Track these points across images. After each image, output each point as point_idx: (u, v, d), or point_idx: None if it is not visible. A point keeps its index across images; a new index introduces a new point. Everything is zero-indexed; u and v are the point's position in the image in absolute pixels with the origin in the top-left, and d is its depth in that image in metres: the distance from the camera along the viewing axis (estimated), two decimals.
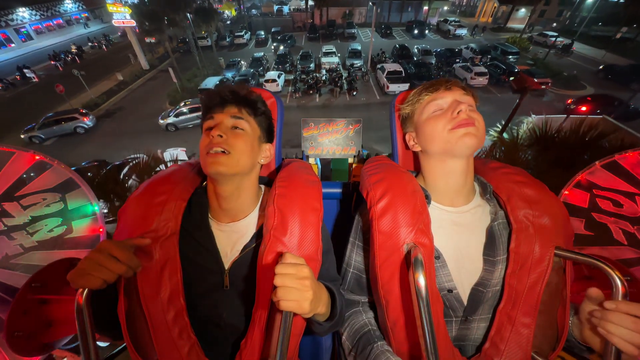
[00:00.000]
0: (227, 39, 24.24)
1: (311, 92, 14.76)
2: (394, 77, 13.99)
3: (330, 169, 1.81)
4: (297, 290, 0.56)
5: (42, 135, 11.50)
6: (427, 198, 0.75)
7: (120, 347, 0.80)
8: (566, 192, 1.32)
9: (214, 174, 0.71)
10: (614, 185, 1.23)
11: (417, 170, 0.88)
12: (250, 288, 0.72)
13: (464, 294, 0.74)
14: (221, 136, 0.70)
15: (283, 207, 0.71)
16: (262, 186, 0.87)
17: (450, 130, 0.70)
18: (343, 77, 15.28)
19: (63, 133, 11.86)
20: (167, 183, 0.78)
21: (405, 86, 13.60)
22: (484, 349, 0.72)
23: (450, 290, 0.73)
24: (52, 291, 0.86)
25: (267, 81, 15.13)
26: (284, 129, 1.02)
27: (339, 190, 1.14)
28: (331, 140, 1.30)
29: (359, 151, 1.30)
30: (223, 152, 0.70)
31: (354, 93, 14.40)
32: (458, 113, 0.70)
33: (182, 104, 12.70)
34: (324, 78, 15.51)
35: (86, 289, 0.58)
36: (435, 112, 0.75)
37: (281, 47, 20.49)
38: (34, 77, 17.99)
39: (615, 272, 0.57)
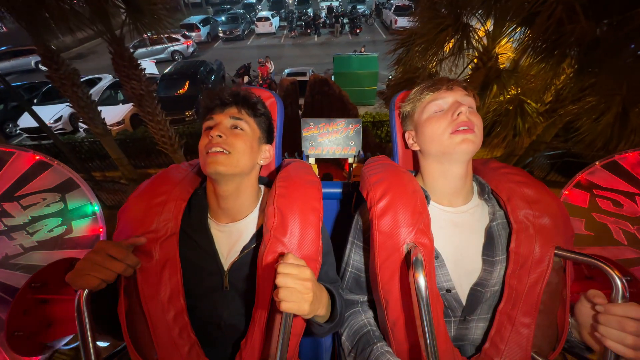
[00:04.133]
0: None
1: (309, 31, 13.79)
2: (403, 11, 12.83)
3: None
4: (299, 291, 0.55)
5: None
6: (427, 198, 0.76)
7: (120, 347, 0.80)
8: (566, 192, 1.32)
9: (213, 174, 0.71)
10: (614, 185, 1.23)
11: (417, 170, 0.88)
12: (250, 288, 0.72)
13: (463, 294, 0.74)
14: (220, 136, 0.70)
15: (283, 207, 0.71)
16: (262, 186, 0.87)
17: (450, 135, 0.71)
18: (345, 17, 14.20)
19: (22, 69, 10.34)
20: (167, 183, 0.78)
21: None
22: (484, 348, 0.72)
23: (448, 290, 0.73)
24: (52, 291, 0.86)
25: (259, 20, 14.02)
26: (278, 60, 1.00)
27: (339, 190, 1.14)
28: (331, 140, 1.30)
29: (359, 151, 1.30)
30: (222, 151, 0.70)
31: (358, 32, 13.51)
32: (458, 115, 0.70)
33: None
34: (323, 19, 14.45)
35: (86, 289, 0.58)
36: (436, 113, 0.75)
37: None
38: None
39: (615, 272, 0.57)
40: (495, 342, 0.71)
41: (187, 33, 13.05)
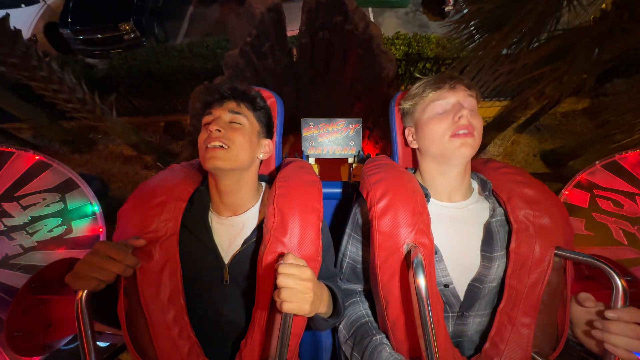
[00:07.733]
0: None
1: None
2: None
3: None
4: (300, 292, 0.56)
5: None
6: (427, 196, 0.76)
7: (120, 347, 0.80)
8: (566, 192, 1.32)
9: (213, 169, 0.71)
10: (614, 185, 1.23)
11: (416, 167, 0.88)
12: (251, 284, 0.72)
13: (461, 289, 0.74)
14: (219, 130, 0.71)
15: (283, 207, 0.71)
16: (263, 183, 0.87)
17: (449, 138, 0.72)
18: None
19: None
20: (167, 183, 0.78)
21: None
22: (484, 348, 0.72)
23: (446, 285, 0.74)
24: (52, 291, 0.86)
25: None
26: None
27: (339, 190, 1.14)
28: (331, 140, 1.30)
29: (359, 151, 1.30)
30: (221, 146, 0.70)
31: None
32: (459, 118, 0.71)
33: None
34: None
35: (86, 290, 0.58)
36: (437, 114, 0.75)
37: None
38: None
39: (615, 272, 0.56)
40: (495, 342, 0.71)
41: None
